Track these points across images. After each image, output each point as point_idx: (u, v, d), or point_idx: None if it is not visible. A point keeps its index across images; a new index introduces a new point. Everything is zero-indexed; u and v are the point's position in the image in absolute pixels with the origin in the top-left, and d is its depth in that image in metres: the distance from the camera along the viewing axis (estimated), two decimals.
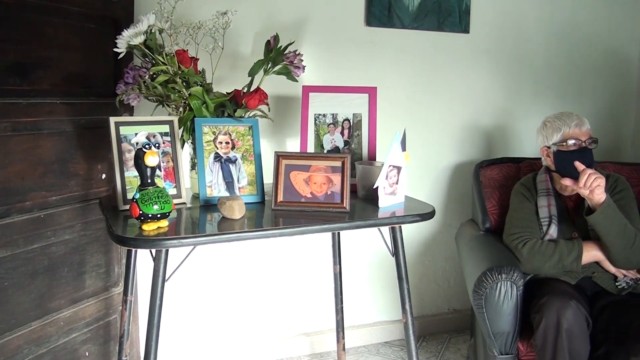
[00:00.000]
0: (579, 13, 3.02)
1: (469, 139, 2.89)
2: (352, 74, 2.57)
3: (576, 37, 3.03)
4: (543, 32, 2.95)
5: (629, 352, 1.75)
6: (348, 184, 1.80)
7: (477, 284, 1.97)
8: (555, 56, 3.00)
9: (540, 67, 2.98)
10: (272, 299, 2.63)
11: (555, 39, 2.98)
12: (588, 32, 3.05)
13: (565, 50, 3.02)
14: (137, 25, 1.82)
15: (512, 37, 2.88)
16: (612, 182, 2.16)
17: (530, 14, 2.90)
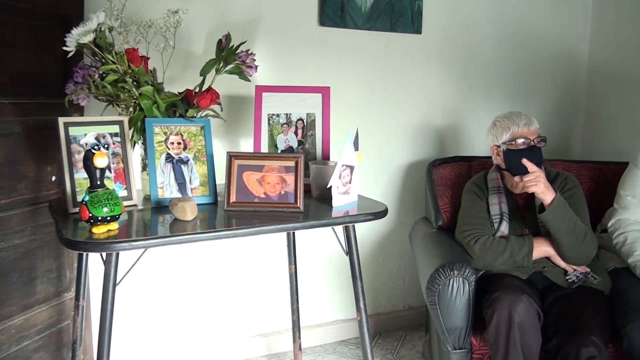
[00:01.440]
0: (528, 14, 3.08)
1: (422, 138, 2.92)
2: (306, 74, 2.57)
3: (526, 38, 3.09)
4: (493, 33, 3.00)
5: (580, 343, 1.78)
6: (302, 183, 1.80)
7: (430, 281, 1.99)
8: (505, 57, 3.06)
9: (491, 67, 3.03)
10: (227, 301, 2.61)
11: (506, 39, 3.04)
12: (538, 33, 3.12)
13: (515, 51, 3.08)
14: (86, 23, 1.78)
15: (463, 38, 2.93)
16: (561, 180, 2.21)
17: (480, 15, 2.95)
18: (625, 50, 3.06)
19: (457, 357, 2.03)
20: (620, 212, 2.16)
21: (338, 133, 2.35)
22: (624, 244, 2.10)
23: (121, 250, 1.47)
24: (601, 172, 2.59)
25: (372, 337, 2.94)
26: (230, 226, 1.65)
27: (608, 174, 2.57)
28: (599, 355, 1.76)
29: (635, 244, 2.06)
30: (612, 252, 2.25)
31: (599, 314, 1.92)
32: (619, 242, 2.12)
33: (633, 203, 2.13)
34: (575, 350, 1.78)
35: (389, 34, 2.72)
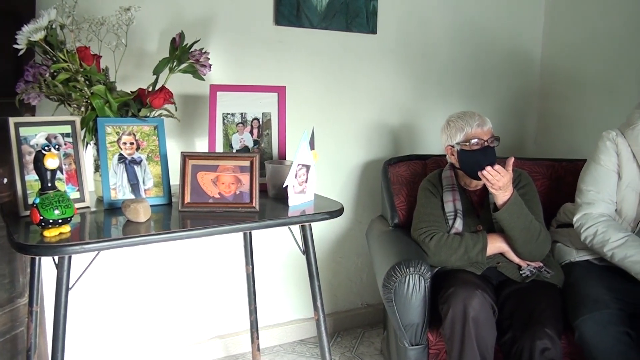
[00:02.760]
0: (482, 15, 3.14)
1: (378, 137, 2.95)
2: (262, 73, 2.56)
3: (480, 38, 3.15)
4: (448, 33, 3.05)
5: (534, 336, 1.82)
6: (257, 183, 1.80)
7: (386, 278, 2.01)
8: (459, 56, 3.11)
9: (445, 67, 3.08)
10: (183, 303, 2.59)
11: (460, 40, 3.09)
12: (491, 33, 3.18)
13: (469, 51, 3.13)
14: (37, 20, 1.74)
15: (418, 38, 2.96)
16: (515, 177, 2.24)
17: (435, 16, 2.99)
18: (577, 50, 3.15)
19: (414, 353, 2.05)
20: (585, 207, 2.20)
21: (294, 132, 2.35)
22: (595, 235, 2.12)
23: (73, 253, 1.45)
24: (554, 169, 2.66)
25: (331, 336, 2.96)
26: (185, 227, 1.64)
27: (561, 171, 2.65)
28: (552, 347, 1.81)
29: (607, 233, 2.09)
30: (567, 246, 2.31)
31: (552, 307, 1.97)
32: (589, 235, 2.14)
33: (598, 198, 2.18)
34: (529, 342, 1.83)
35: (344, 34, 2.74)
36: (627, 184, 2.14)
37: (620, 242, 2.04)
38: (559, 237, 2.38)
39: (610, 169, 2.18)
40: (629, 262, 2.00)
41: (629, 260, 2.00)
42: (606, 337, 1.86)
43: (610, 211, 2.17)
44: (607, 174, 2.19)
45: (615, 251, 2.05)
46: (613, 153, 2.19)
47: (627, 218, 2.16)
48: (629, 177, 2.14)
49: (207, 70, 2.06)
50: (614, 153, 2.19)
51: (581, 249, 2.24)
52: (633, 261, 1.99)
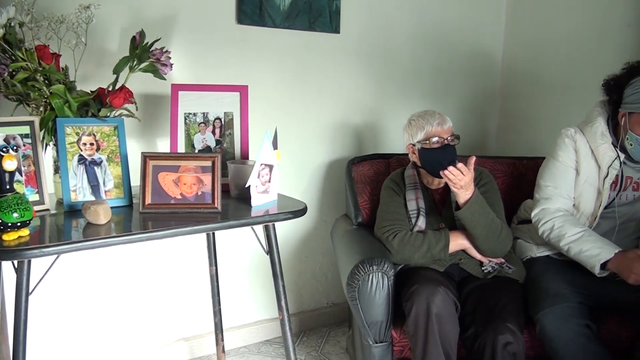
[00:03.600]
0: (444, 15, 3.18)
1: (341, 137, 2.97)
2: (225, 73, 2.56)
3: (442, 38, 3.19)
4: (410, 33, 3.08)
5: (496, 330, 1.86)
6: (219, 183, 1.80)
7: (350, 277, 2.03)
8: (422, 56, 3.15)
9: (409, 66, 3.11)
10: (147, 306, 2.57)
11: (422, 39, 3.13)
12: (453, 33, 3.23)
13: (431, 51, 3.17)
14: None
15: (381, 38, 2.99)
16: (477, 175, 2.27)
17: (398, 16, 3.02)
18: (537, 50, 3.22)
19: (378, 351, 2.07)
20: (543, 202, 2.25)
21: (257, 132, 2.36)
22: (552, 229, 2.17)
23: (32, 257, 1.43)
24: (515, 167, 2.72)
25: (297, 335, 2.97)
26: (146, 229, 1.63)
27: (522, 169, 2.70)
28: (514, 341, 1.86)
29: (563, 228, 2.14)
30: (528, 242, 2.37)
31: (513, 302, 2.02)
32: (547, 230, 2.19)
33: (555, 193, 2.23)
34: (492, 337, 1.87)
35: (308, 33, 2.75)
36: (585, 180, 2.20)
37: (576, 236, 2.10)
38: (520, 233, 2.43)
39: (568, 165, 2.24)
40: (584, 256, 2.06)
41: (584, 254, 2.06)
42: (566, 330, 1.92)
43: (568, 206, 2.23)
44: (565, 170, 2.24)
45: (571, 245, 2.10)
46: (571, 150, 2.24)
47: (584, 213, 2.22)
48: (586, 173, 2.20)
49: (168, 70, 2.04)
50: (572, 150, 2.24)
51: (541, 245, 2.30)
52: (588, 255, 2.05)
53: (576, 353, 1.90)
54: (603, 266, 2.02)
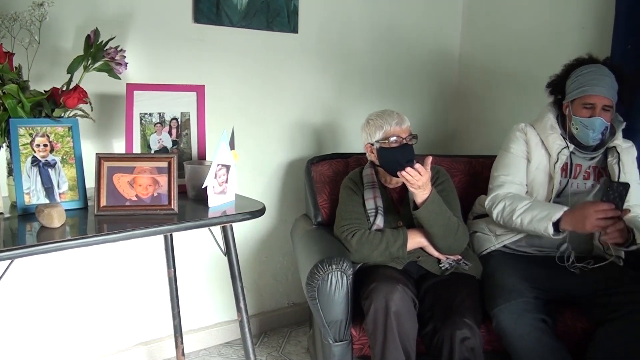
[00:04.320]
0: (402, 15, 3.21)
1: (301, 137, 2.98)
2: (182, 72, 2.54)
3: (400, 38, 3.23)
4: (369, 33, 3.11)
5: (454, 326, 1.90)
6: (175, 184, 1.79)
7: (309, 277, 2.04)
8: (381, 56, 3.18)
9: (367, 66, 3.14)
10: (104, 310, 2.54)
11: (381, 39, 3.16)
12: (412, 34, 3.27)
13: (390, 50, 3.21)
14: None
15: (339, 38, 3.00)
16: (434, 174, 2.32)
17: (356, 16, 3.04)
18: (493, 51, 3.30)
19: (338, 349, 2.09)
20: (496, 189, 2.33)
21: (215, 133, 2.34)
22: (504, 209, 2.24)
23: None
24: (471, 165, 2.78)
25: (258, 336, 2.97)
26: (101, 231, 1.60)
27: (478, 167, 2.76)
28: (472, 336, 1.90)
29: (513, 204, 2.22)
30: (486, 234, 2.42)
31: (470, 297, 2.06)
32: (499, 212, 2.26)
33: (508, 180, 2.32)
34: (449, 332, 1.90)
35: (266, 33, 2.75)
36: (537, 167, 2.31)
37: (525, 207, 2.19)
38: (476, 227, 2.49)
39: (520, 156, 2.35)
40: (536, 221, 2.13)
41: (536, 219, 2.14)
42: (522, 324, 1.97)
43: (520, 192, 2.32)
44: (517, 160, 2.35)
45: (523, 216, 2.18)
46: (522, 142, 2.36)
47: (538, 197, 2.31)
48: (537, 160, 2.31)
49: (122, 69, 2.03)
50: (523, 142, 2.36)
51: (499, 235, 2.36)
52: (539, 219, 2.13)
53: (532, 346, 1.95)
54: (557, 228, 2.10)
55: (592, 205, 2.02)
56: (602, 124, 2.19)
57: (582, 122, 2.20)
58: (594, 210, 2.00)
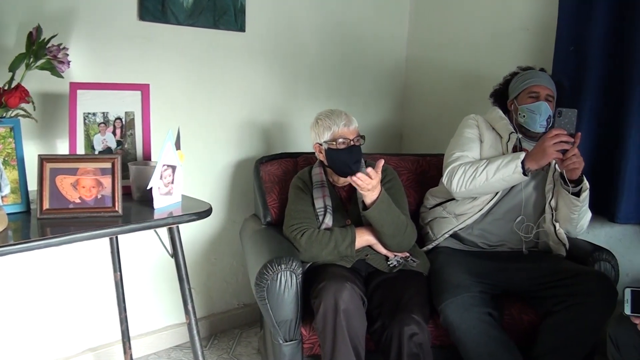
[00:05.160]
0: (350, 16, 3.26)
1: (249, 136, 2.98)
2: (127, 71, 2.51)
3: (348, 38, 3.27)
4: (316, 32, 3.14)
5: (402, 322, 1.95)
6: (119, 186, 1.77)
7: (258, 277, 2.05)
8: (329, 56, 3.21)
9: (315, 65, 3.17)
10: (51, 316, 2.48)
11: (329, 39, 3.19)
12: (359, 35, 3.31)
13: (338, 50, 3.24)
14: None
15: (287, 37, 3.02)
16: (382, 173, 2.37)
17: (304, 15, 3.07)
18: (438, 52, 3.38)
19: (288, 349, 2.11)
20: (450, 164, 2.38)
21: (160, 133, 2.33)
22: (465, 172, 2.30)
23: None
24: (418, 163, 2.84)
25: (208, 338, 2.97)
26: (44, 235, 1.58)
27: (425, 166, 2.83)
28: (420, 332, 1.95)
29: (472, 165, 2.30)
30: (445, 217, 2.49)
31: (418, 293, 2.12)
32: (459, 179, 2.31)
33: (462, 156, 2.39)
34: (398, 329, 1.95)
35: (212, 31, 2.74)
36: (490, 145, 2.42)
37: (486, 163, 2.28)
38: (433, 214, 2.57)
39: (473, 138, 2.46)
40: (503, 166, 2.23)
41: (502, 165, 2.24)
42: (468, 318, 2.04)
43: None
44: (470, 140, 2.45)
45: (488, 169, 2.26)
46: (475, 126, 2.49)
47: None
48: (490, 140, 2.43)
49: (65, 67, 1.99)
50: (475, 127, 2.49)
51: (459, 215, 2.44)
52: (505, 163, 2.23)
53: (478, 340, 2.03)
54: (524, 170, 2.19)
55: (547, 135, 2.14)
56: (547, 109, 2.32)
57: (528, 108, 2.34)
58: (549, 137, 2.12)
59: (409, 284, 2.15)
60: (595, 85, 2.55)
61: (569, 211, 2.29)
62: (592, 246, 2.41)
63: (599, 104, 2.56)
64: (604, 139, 2.57)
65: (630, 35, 2.43)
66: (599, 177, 2.55)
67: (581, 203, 2.24)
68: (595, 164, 2.56)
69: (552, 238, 2.36)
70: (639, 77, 2.39)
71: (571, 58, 2.62)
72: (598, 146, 2.58)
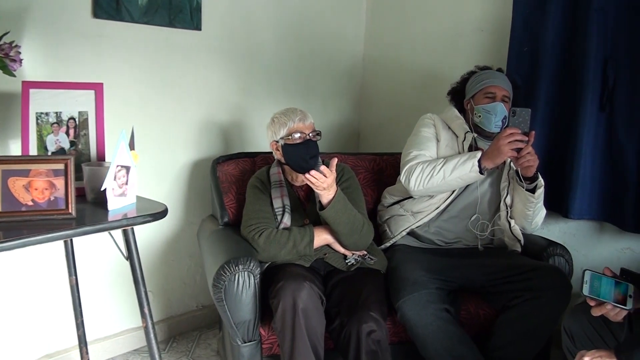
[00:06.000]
0: (307, 15, 3.28)
1: (207, 136, 2.98)
2: (80, 70, 2.48)
3: (305, 37, 3.30)
4: (273, 31, 3.15)
5: (360, 320, 1.98)
6: (73, 187, 1.76)
7: (215, 278, 2.06)
8: (286, 54, 3.23)
9: (272, 65, 3.18)
10: (5, 322, 2.45)
11: (286, 38, 3.21)
12: (316, 33, 3.34)
13: (295, 49, 3.26)
14: None
15: (243, 36, 3.03)
16: (339, 171, 2.40)
17: (261, 14, 3.08)
18: (396, 52, 3.44)
19: (247, 350, 2.13)
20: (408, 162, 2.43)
21: (115, 133, 2.30)
22: (422, 172, 2.35)
23: None
24: (376, 162, 2.89)
25: (167, 341, 2.96)
26: None
27: (382, 164, 2.88)
28: (378, 329, 1.99)
29: (429, 164, 2.35)
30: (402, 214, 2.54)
31: (376, 291, 2.16)
32: (417, 178, 2.36)
33: (419, 155, 2.44)
34: (356, 327, 1.98)
35: (168, 30, 2.73)
36: (446, 144, 2.47)
37: (443, 161, 2.34)
38: (391, 213, 2.61)
39: (430, 137, 2.51)
40: (460, 165, 2.29)
41: (459, 164, 2.29)
42: (425, 315, 2.09)
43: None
44: (427, 139, 2.51)
45: (445, 167, 2.32)
46: (431, 125, 2.54)
47: None
48: (446, 139, 2.48)
49: (17, 66, 1.98)
50: (432, 125, 2.54)
51: (416, 212, 2.49)
52: (462, 162, 2.29)
53: (435, 335, 2.09)
54: (480, 169, 2.26)
55: (501, 134, 2.21)
56: (502, 110, 2.39)
57: (484, 108, 2.41)
58: (503, 137, 2.19)
59: (366, 282, 2.19)
60: (548, 85, 2.64)
61: (524, 207, 2.36)
62: (546, 241, 2.49)
63: (552, 103, 2.65)
64: (557, 137, 2.66)
65: (582, 37, 2.51)
66: (553, 175, 2.64)
67: (536, 199, 2.32)
68: (549, 162, 2.65)
69: (507, 234, 2.44)
70: (589, 77, 2.48)
71: (525, 59, 2.71)
72: (551, 144, 2.67)
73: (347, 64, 3.54)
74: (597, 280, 1.68)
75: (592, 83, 2.48)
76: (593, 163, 2.55)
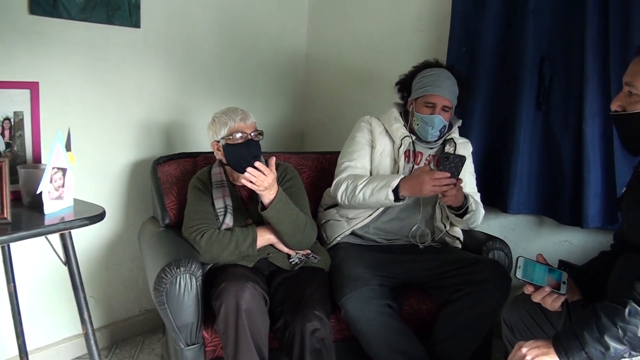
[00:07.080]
0: (248, 14, 3.30)
1: (147, 136, 2.96)
2: (15, 68, 2.42)
3: (247, 35, 3.31)
4: (214, 30, 3.16)
5: (304, 319, 2.02)
6: (7, 191, 1.74)
7: (157, 281, 2.05)
8: (227, 54, 3.24)
9: (214, 63, 3.19)
10: None
11: (226, 37, 3.22)
12: (258, 31, 3.36)
13: (236, 47, 3.28)
14: None
15: (183, 34, 3.02)
16: (281, 171, 2.43)
17: (201, 12, 3.08)
18: (338, 50, 3.50)
19: (190, 353, 2.14)
20: (339, 174, 2.51)
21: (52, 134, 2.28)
22: (347, 188, 2.42)
23: None
24: (319, 161, 2.94)
25: (109, 348, 2.93)
26: None
27: (325, 163, 2.93)
28: (322, 327, 2.03)
29: (354, 181, 2.41)
30: (338, 220, 2.59)
31: (320, 289, 2.21)
32: (343, 193, 2.44)
33: (351, 165, 2.51)
34: (300, 325, 2.02)
35: (106, 27, 2.70)
36: (382, 152, 2.52)
37: (365, 181, 2.39)
38: (328, 216, 2.66)
39: (364, 143, 2.56)
40: (376, 191, 2.33)
41: (376, 190, 2.34)
42: (368, 311, 2.16)
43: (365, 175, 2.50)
44: (360, 147, 2.56)
45: (364, 190, 2.37)
46: (367, 131, 2.58)
47: None
48: (382, 146, 2.53)
49: None
50: (367, 131, 2.58)
51: (351, 219, 2.54)
52: (379, 188, 2.33)
53: (378, 331, 2.15)
54: (397, 196, 2.30)
55: (429, 174, 2.23)
56: (440, 122, 2.43)
57: (422, 118, 2.44)
58: (430, 178, 2.22)
59: (310, 281, 2.23)
60: (487, 83, 2.75)
61: (456, 223, 2.48)
62: (486, 236, 2.60)
63: (491, 102, 2.77)
64: (496, 134, 2.77)
65: (519, 37, 2.62)
66: (492, 171, 2.75)
67: (464, 222, 2.42)
68: (487, 159, 2.76)
69: (446, 234, 2.51)
70: (526, 76, 2.60)
71: (464, 58, 2.80)
72: (490, 141, 2.79)
73: (289, 63, 3.57)
74: (531, 266, 1.76)
75: (529, 82, 2.60)
76: (530, 159, 2.67)
